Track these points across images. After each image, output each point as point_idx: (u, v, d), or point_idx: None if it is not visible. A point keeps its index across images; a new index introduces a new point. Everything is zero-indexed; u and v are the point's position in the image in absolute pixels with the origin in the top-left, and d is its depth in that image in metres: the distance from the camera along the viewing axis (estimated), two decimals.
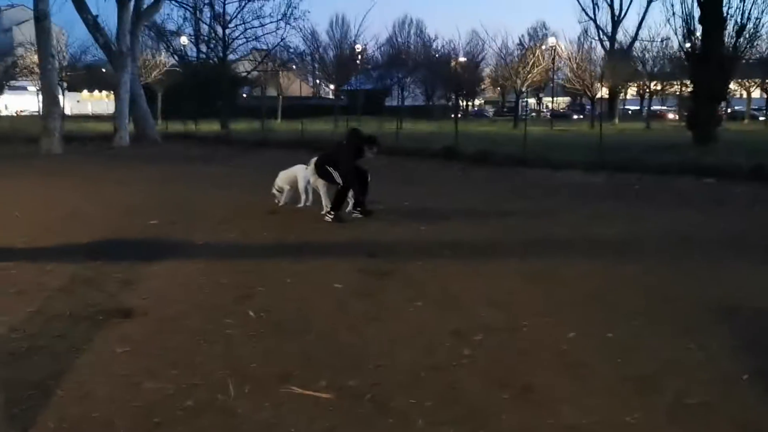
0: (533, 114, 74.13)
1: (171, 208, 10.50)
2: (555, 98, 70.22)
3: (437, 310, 5.41)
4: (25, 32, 48.00)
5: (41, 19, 23.06)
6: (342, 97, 60.70)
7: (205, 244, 7.92)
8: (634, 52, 53.23)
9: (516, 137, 24.89)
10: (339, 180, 9.63)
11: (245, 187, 12.96)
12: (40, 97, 25.66)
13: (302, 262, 6.95)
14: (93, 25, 26.97)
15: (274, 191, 10.84)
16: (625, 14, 79.60)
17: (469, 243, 7.95)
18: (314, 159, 10.16)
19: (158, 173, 15.96)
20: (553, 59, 52.12)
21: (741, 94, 57.79)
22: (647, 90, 54.77)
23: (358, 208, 9.77)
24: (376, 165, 14.84)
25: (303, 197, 10.66)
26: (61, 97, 26.32)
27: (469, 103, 75.37)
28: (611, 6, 56.42)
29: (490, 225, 9.16)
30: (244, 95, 65.32)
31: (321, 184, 10.07)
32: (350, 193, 9.76)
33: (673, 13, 52.13)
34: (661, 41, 49.88)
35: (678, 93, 53.36)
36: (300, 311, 5.37)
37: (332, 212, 9.52)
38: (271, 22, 54.64)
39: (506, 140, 24.40)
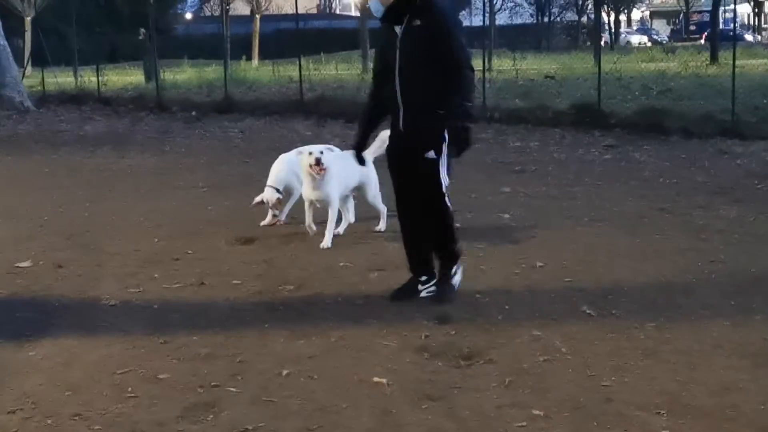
0: (749, 36, 40.68)
1: (55, 237, 5.99)
2: None
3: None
4: None
5: None
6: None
7: (123, 304, 4.46)
8: None
9: (716, 81, 13.38)
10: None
11: (196, 194, 7.57)
12: None
13: (309, 335, 3.90)
14: None
15: (263, 199, 5.95)
16: None
17: (631, 290, 4.46)
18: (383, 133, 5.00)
19: (28, 172, 9.24)
20: None
21: None
22: None
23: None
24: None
25: (349, 214, 5.96)
26: None
27: (620, 19, 44.66)
28: None
29: (669, 255, 5.14)
30: (187, 15, 41.59)
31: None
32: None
33: None
34: None
35: None
36: None
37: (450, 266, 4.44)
38: None
39: (696, 88, 13.91)
